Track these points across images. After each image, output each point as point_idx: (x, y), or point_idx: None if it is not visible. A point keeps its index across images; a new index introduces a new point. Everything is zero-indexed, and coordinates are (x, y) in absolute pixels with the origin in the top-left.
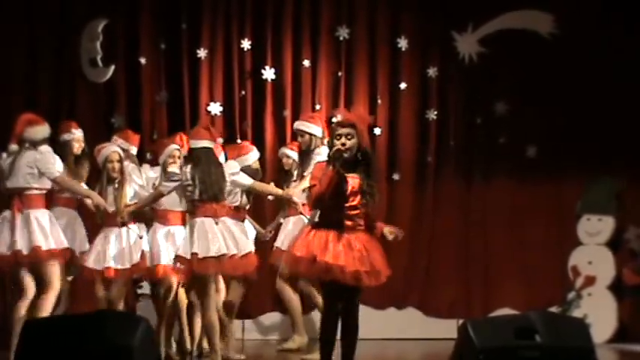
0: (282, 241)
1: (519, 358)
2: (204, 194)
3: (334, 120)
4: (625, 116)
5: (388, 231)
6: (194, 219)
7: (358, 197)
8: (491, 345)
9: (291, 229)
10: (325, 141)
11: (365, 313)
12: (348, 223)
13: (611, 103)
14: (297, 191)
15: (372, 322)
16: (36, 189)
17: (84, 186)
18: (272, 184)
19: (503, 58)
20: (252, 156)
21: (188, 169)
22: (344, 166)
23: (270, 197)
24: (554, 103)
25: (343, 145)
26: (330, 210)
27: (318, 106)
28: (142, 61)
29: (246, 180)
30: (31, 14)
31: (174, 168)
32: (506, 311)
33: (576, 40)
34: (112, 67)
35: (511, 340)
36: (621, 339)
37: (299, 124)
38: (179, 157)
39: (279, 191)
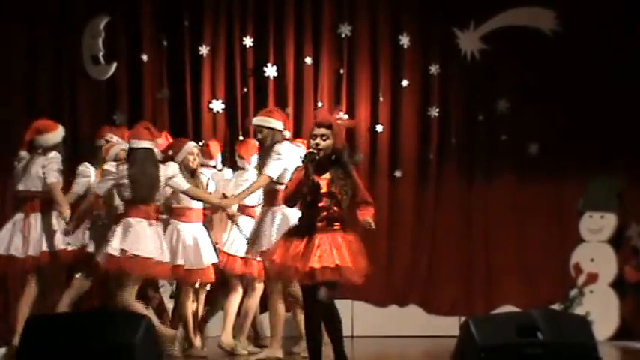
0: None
1: (521, 355)
2: (134, 195)
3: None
4: (626, 114)
5: (366, 222)
6: (128, 219)
7: (326, 199)
8: (493, 342)
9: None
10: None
11: (367, 310)
12: (320, 224)
13: (613, 100)
14: (234, 201)
15: (373, 319)
16: (46, 193)
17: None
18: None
19: (505, 55)
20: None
21: (124, 168)
22: (317, 167)
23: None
24: (556, 101)
25: (317, 145)
26: (304, 212)
27: (320, 104)
28: (144, 58)
29: (183, 184)
30: (32, 12)
31: (110, 167)
32: (508, 309)
33: (578, 38)
34: (114, 65)
35: (513, 338)
36: (623, 336)
37: (257, 120)
38: (197, 155)
39: (214, 200)
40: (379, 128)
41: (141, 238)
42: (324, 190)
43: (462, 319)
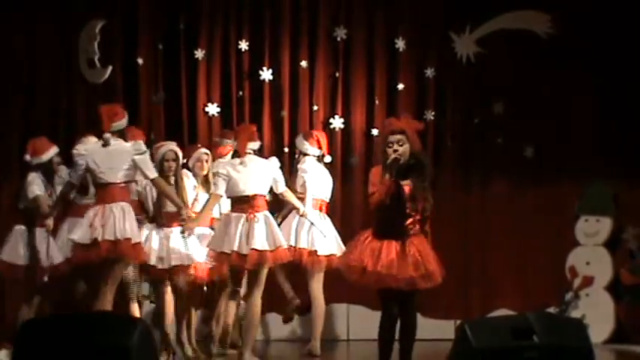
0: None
1: (517, 358)
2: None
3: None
4: (622, 117)
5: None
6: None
7: (410, 204)
8: (488, 346)
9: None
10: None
11: (362, 313)
12: (404, 228)
13: (609, 103)
14: (194, 224)
15: (369, 322)
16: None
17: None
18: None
19: (501, 58)
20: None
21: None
22: (398, 173)
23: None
24: (552, 104)
25: (396, 151)
26: (387, 218)
27: (315, 107)
28: (140, 61)
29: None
30: (29, 15)
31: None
32: (504, 312)
33: (573, 41)
34: (110, 68)
35: (509, 341)
36: (619, 339)
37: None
38: (206, 162)
39: (178, 202)
40: (375, 132)
41: None
42: (408, 195)
43: (457, 322)
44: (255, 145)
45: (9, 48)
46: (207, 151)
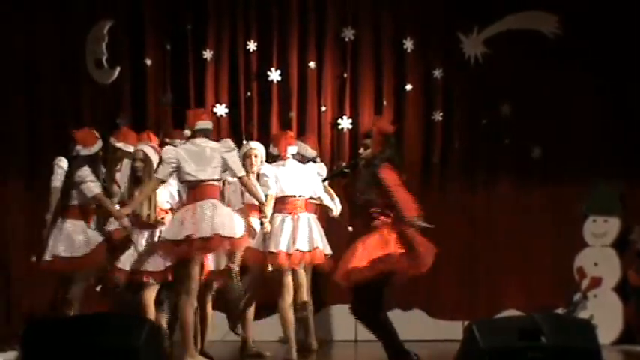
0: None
1: (525, 359)
2: None
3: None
4: (630, 117)
5: None
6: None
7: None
8: (496, 346)
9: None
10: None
11: None
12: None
13: (616, 103)
14: (128, 210)
15: None
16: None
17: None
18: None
19: (509, 59)
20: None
21: None
22: (333, 177)
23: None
24: (559, 105)
25: (359, 155)
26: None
27: (323, 108)
28: (148, 62)
29: (94, 189)
30: (36, 16)
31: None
32: (511, 312)
33: (580, 41)
34: (118, 69)
35: (516, 342)
36: (627, 340)
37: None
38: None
39: (113, 210)
40: None
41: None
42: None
43: (465, 323)
44: (293, 149)
45: (11, 48)
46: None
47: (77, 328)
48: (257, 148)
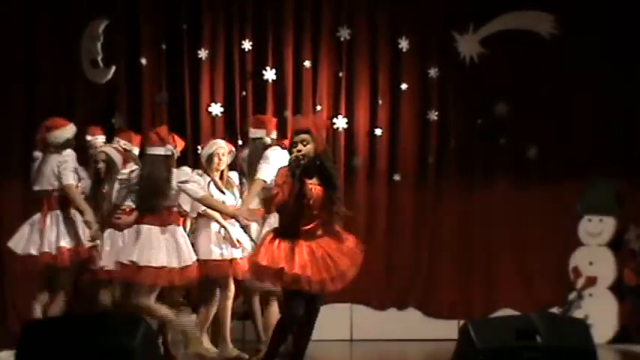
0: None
1: (520, 359)
2: (139, 204)
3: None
4: (625, 117)
5: None
6: (139, 225)
7: (318, 204)
8: (492, 346)
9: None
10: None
11: (366, 313)
12: (309, 229)
13: (612, 103)
14: (246, 210)
15: (372, 322)
16: (63, 190)
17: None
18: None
19: (504, 58)
20: None
21: (135, 174)
22: (303, 172)
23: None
24: (555, 104)
25: (299, 151)
26: (291, 218)
27: (318, 107)
28: (143, 61)
29: (198, 191)
30: (31, 15)
31: (123, 175)
32: (507, 312)
33: (576, 41)
34: (113, 68)
35: (512, 341)
36: (622, 340)
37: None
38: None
39: (229, 210)
40: (378, 132)
41: (153, 247)
42: (315, 195)
43: (460, 322)
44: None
45: (8, 48)
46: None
47: (73, 328)
48: (224, 146)
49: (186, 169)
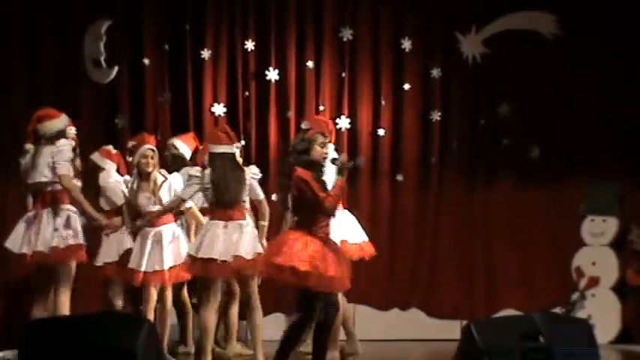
0: None
1: (523, 359)
2: (219, 199)
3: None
4: (628, 117)
5: None
6: (210, 221)
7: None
8: (495, 346)
9: None
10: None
11: (368, 314)
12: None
13: (614, 103)
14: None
15: (375, 323)
16: (57, 183)
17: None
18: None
19: (507, 59)
20: None
21: (207, 173)
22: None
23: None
24: (558, 104)
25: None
26: (323, 219)
27: (321, 108)
28: (146, 62)
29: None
30: (34, 15)
31: (194, 172)
32: (509, 312)
33: (579, 41)
34: (116, 68)
35: (515, 342)
36: (625, 340)
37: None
38: (152, 158)
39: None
40: (381, 132)
41: (215, 242)
42: None
43: (463, 322)
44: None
45: (13, 48)
46: (153, 147)
47: (75, 328)
48: (155, 149)
49: (255, 168)
